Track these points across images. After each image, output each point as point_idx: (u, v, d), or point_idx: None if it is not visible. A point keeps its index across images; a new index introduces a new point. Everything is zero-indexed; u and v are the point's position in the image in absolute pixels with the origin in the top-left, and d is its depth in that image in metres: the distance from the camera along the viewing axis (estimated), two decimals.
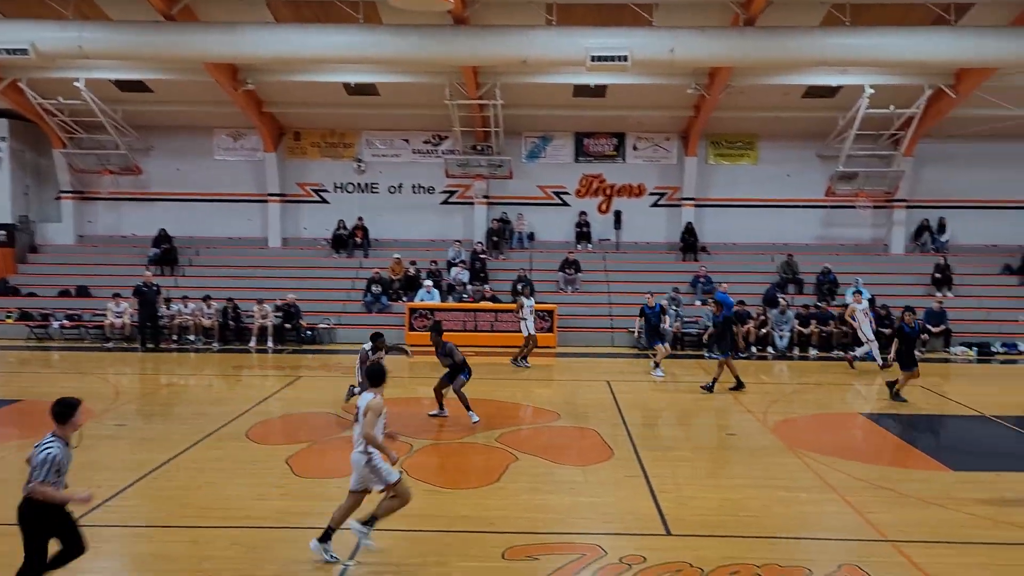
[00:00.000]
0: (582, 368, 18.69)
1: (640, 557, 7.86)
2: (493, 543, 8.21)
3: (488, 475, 10.51)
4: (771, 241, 25.27)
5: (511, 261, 24.66)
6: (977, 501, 9.71)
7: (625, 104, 23.91)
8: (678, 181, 25.64)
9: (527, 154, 25.99)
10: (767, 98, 23.21)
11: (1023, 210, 25.01)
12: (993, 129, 23.45)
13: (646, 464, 11.04)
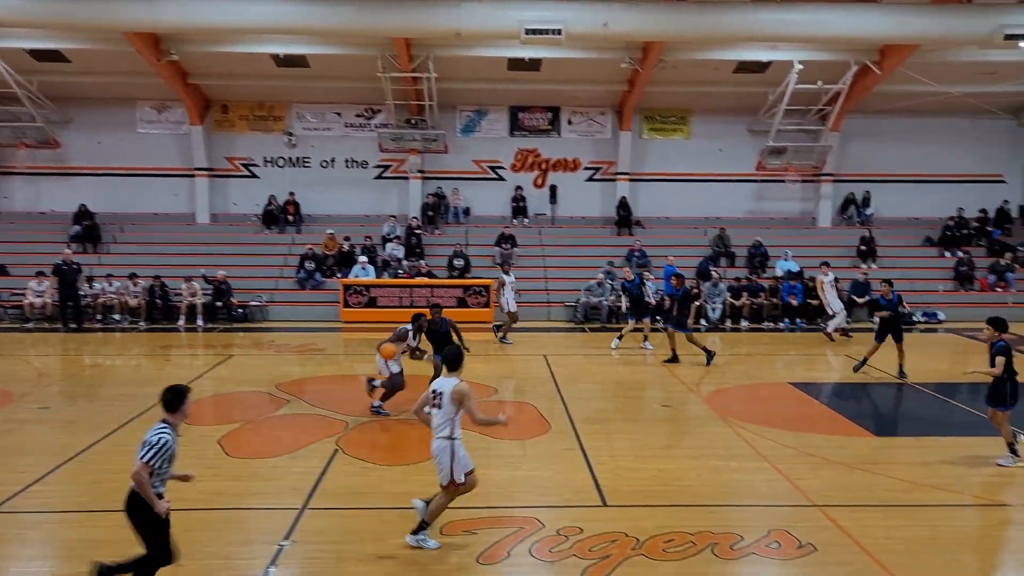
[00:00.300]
0: (519, 343, 18.73)
1: (577, 528, 7.94)
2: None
3: (425, 451, 10.38)
4: (704, 215, 25.62)
5: (447, 236, 24.52)
6: (899, 465, 10.06)
7: (560, 78, 23.87)
8: (613, 155, 25.77)
9: (462, 128, 25.79)
10: (699, 73, 23.42)
11: (943, 184, 25.84)
12: (915, 105, 24.10)
13: (583, 437, 11.14)
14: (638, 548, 7.53)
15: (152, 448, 5.96)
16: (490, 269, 23.17)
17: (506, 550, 7.48)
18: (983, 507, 8.79)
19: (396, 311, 21.25)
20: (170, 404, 6.21)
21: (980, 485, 9.48)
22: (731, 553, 7.47)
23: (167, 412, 6.21)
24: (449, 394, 7.29)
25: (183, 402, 6.23)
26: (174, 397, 6.21)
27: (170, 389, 6.26)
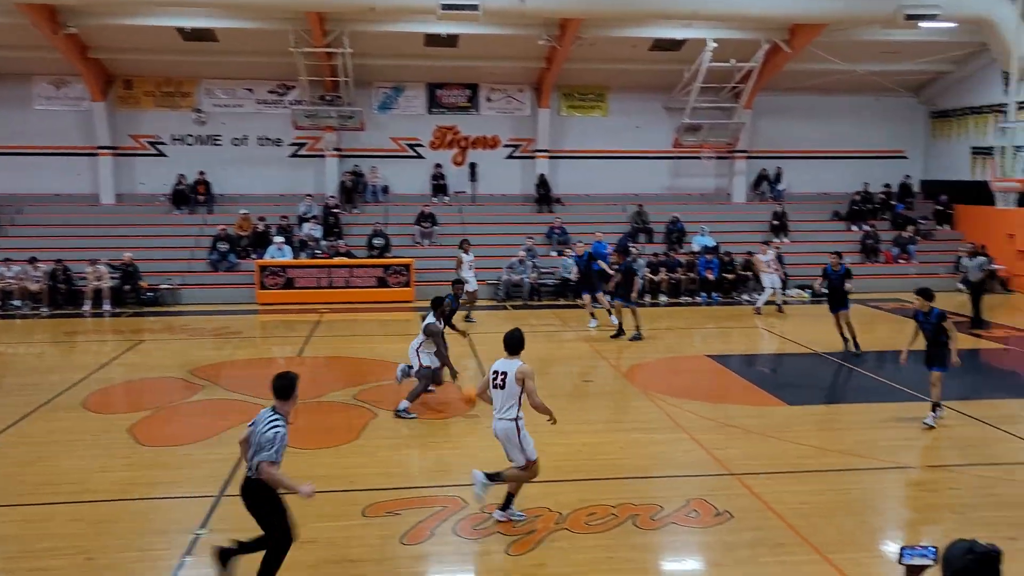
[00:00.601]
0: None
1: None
2: (352, 501, 8.10)
3: (347, 433, 10.34)
4: (622, 192, 25.86)
5: (365, 215, 24.16)
6: (810, 432, 10.39)
7: (478, 54, 23.68)
8: (532, 133, 25.76)
9: (379, 105, 25.38)
10: (616, 51, 23.55)
11: (850, 160, 26.66)
12: (823, 83, 24.76)
13: None
14: (561, 522, 7.59)
15: (272, 445, 5.86)
16: (410, 248, 22.97)
17: (430, 529, 7.45)
18: (888, 470, 9.14)
19: (315, 292, 20.92)
20: (282, 391, 6.10)
21: (885, 449, 9.86)
22: (652, 524, 7.59)
23: (279, 400, 6.09)
24: (514, 374, 7.34)
25: (295, 389, 6.14)
26: (286, 384, 6.11)
27: (280, 376, 6.15)
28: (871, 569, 6.84)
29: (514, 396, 7.39)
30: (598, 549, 7.08)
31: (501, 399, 7.45)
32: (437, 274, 22.22)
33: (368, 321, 18.66)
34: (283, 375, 6.18)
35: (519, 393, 7.38)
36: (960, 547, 3.18)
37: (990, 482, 8.73)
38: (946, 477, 8.92)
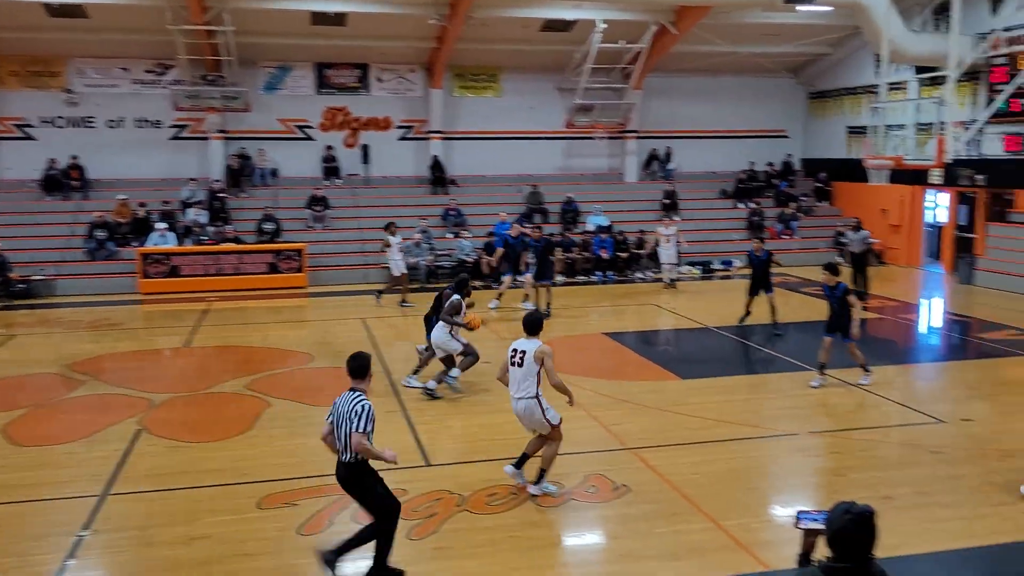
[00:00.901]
0: (335, 307, 18.31)
1: (401, 490, 7.84)
2: (247, 494, 7.88)
3: (240, 424, 10.04)
4: (517, 172, 25.93)
5: (254, 199, 23.44)
6: (703, 404, 10.70)
7: (367, 34, 23.21)
8: (424, 114, 25.49)
9: (265, 85, 24.59)
10: (507, 31, 23.50)
11: (736, 139, 27.48)
12: (709, 64, 25.39)
13: (404, 398, 11.06)
14: (462, 504, 7.58)
15: (364, 416, 6.04)
16: (302, 232, 22.44)
17: (328, 518, 7.32)
18: (775, 437, 9.51)
19: (202, 280, 20.19)
20: (359, 371, 6.28)
21: (772, 417, 10.26)
22: (552, 501, 7.66)
23: (356, 379, 6.27)
24: (533, 353, 7.60)
25: (370, 367, 6.33)
26: (363, 363, 6.30)
27: (355, 357, 6.33)
28: (760, 534, 7.09)
29: (532, 374, 7.61)
30: (499, 529, 7.10)
31: (519, 376, 7.67)
32: (331, 259, 21.86)
33: (259, 309, 18.16)
34: (357, 355, 6.36)
35: (537, 371, 7.61)
36: (840, 508, 3.33)
37: (868, 445, 9.19)
38: (828, 442, 9.34)
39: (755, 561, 6.53)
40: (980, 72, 20.57)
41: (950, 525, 7.12)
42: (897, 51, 19.63)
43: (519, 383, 7.68)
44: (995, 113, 19.46)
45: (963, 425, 9.81)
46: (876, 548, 3.29)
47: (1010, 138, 19.80)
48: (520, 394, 7.68)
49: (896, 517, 7.18)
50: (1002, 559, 6.59)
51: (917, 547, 6.66)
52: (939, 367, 13.45)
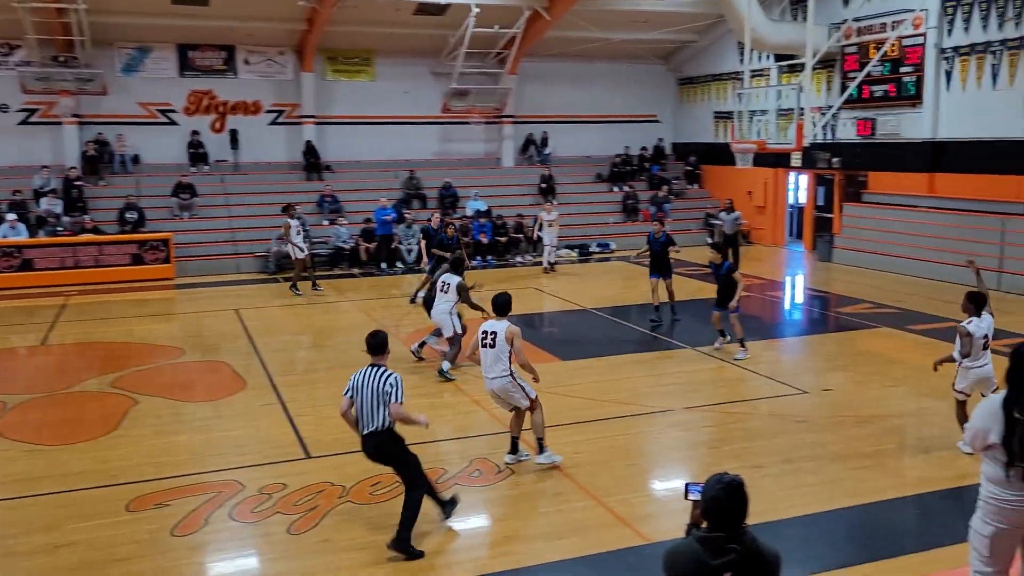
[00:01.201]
0: (206, 298, 17.63)
1: (280, 485, 7.69)
2: (116, 497, 7.51)
3: (105, 424, 9.54)
4: (393, 157, 25.62)
5: (114, 188, 22.23)
6: (583, 385, 10.90)
7: (232, 15, 22.32)
8: (296, 98, 24.79)
9: (123, 67, 23.32)
10: (380, 14, 23.10)
11: (610, 124, 28.02)
12: (583, 50, 25.76)
13: (282, 390, 10.79)
14: (345, 496, 7.46)
15: (399, 387, 6.53)
16: (168, 221, 21.48)
17: (204, 517, 7.06)
18: (653, 414, 9.79)
19: (58, 274, 19.03)
20: (379, 348, 6.70)
21: (649, 395, 10.56)
22: (438, 487, 7.64)
23: (377, 356, 6.68)
24: (503, 334, 7.90)
25: (387, 344, 6.77)
26: (381, 341, 6.73)
27: (373, 335, 6.76)
28: (641, 508, 7.29)
29: (504, 353, 7.90)
30: (384, 518, 7.02)
31: (491, 357, 7.93)
32: (200, 248, 21.03)
33: (123, 302, 17.29)
34: (375, 333, 6.79)
35: (509, 351, 7.89)
36: (713, 479, 3.46)
37: (738, 417, 9.60)
38: (702, 416, 9.69)
39: (636, 535, 6.72)
40: (834, 60, 21.72)
41: (814, 489, 7.52)
42: (758, 39, 20.46)
43: (492, 364, 7.95)
44: (848, 99, 20.58)
45: (824, 395, 10.38)
46: (747, 516, 3.42)
47: (862, 123, 21.00)
48: (494, 374, 7.95)
49: (766, 484, 7.53)
50: (862, 519, 7.01)
51: (785, 512, 7.00)
52: (802, 341, 14.17)
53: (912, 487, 7.63)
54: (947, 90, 19.07)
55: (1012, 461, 4.26)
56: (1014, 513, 4.33)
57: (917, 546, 6.58)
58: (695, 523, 3.62)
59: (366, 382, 6.56)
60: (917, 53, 19.43)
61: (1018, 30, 17.24)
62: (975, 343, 8.08)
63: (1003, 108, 17.69)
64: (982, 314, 8.21)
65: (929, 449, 8.62)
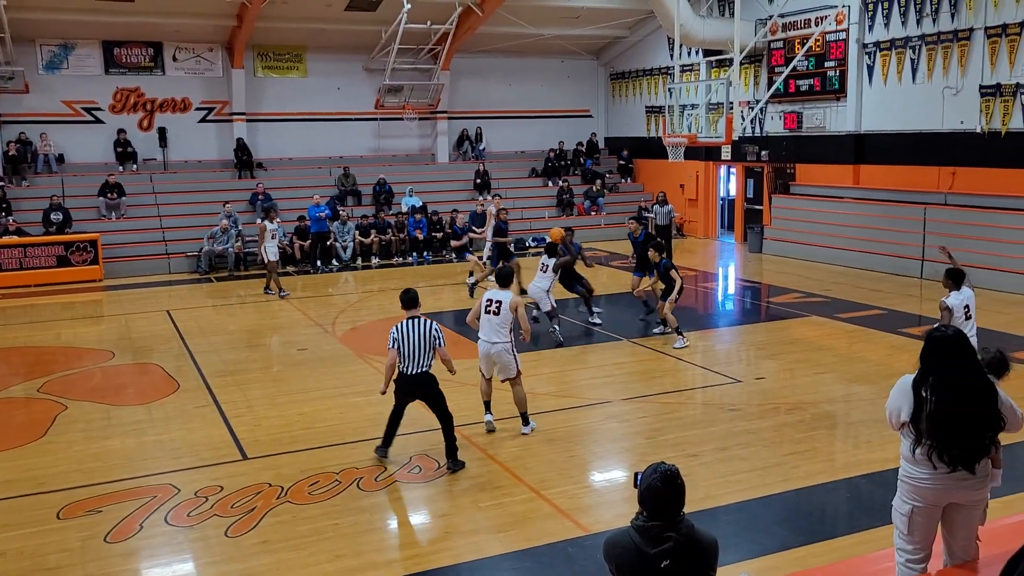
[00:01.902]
0: (136, 300, 17.22)
1: (217, 487, 7.58)
2: (45, 505, 7.32)
3: (31, 431, 9.27)
4: (327, 154, 25.34)
5: (38, 188, 21.53)
6: (531, 379, 10.94)
7: (159, 10, 21.76)
8: (227, 95, 24.33)
9: (45, 64, 22.58)
10: (311, 10, 22.81)
11: (544, 119, 28.14)
12: (515, 46, 25.83)
13: (216, 391, 10.62)
14: (283, 496, 7.39)
15: (441, 333, 7.84)
16: (95, 222, 20.91)
17: (138, 523, 6.92)
18: (590, 406, 9.91)
19: None
20: (411, 303, 7.95)
21: (586, 387, 10.69)
22: (376, 484, 7.63)
23: (411, 309, 7.91)
24: (508, 304, 8.65)
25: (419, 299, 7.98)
26: (413, 296, 7.97)
27: (406, 291, 8.01)
28: (581, 500, 7.39)
29: (507, 322, 8.65)
30: (323, 517, 6.99)
31: (494, 324, 8.67)
32: (129, 248, 20.53)
33: (49, 305, 16.78)
34: (408, 290, 8.03)
35: (512, 320, 8.66)
36: (649, 469, 3.55)
37: (673, 407, 9.78)
38: (639, 407, 9.85)
39: (576, 526, 6.80)
40: (761, 55, 22.21)
41: (749, 476, 7.71)
42: (687, 35, 20.77)
43: (496, 329, 8.66)
44: (775, 93, 21.06)
45: (756, 383, 10.64)
46: (684, 505, 3.51)
47: (789, 116, 21.52)
48: (496, 339, 8.64)
49: (702, 472, 7.70)
50: (796, 504, 7.22)
51: (721, 499, 7.17)
52: (734, 330, 14.48)
53: (842, 471, 7.88)
54: (869, 84, 19.66)
55: (919, 439, 4.44)
56: (927, 490, 4.51)
57: (848, 528, 6.80)
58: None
59: (413, 331, 7.71)
60: (840, 48, 20.00)
61: (936, 26, 17.86)
62: (956, 315, 8.60)
63: (923, 101, 18.32)
64: (961, 288, 8.77)
65: (858, 434, 8.93)
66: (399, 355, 7.75)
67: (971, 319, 8.76)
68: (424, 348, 7.72)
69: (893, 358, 11.45)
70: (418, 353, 7.71)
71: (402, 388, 7.88)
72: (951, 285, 8.77)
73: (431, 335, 7.74)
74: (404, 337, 7.72)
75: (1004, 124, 16.74)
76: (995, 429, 4.46)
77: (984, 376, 4.54)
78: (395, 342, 7.73)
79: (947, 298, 8.71)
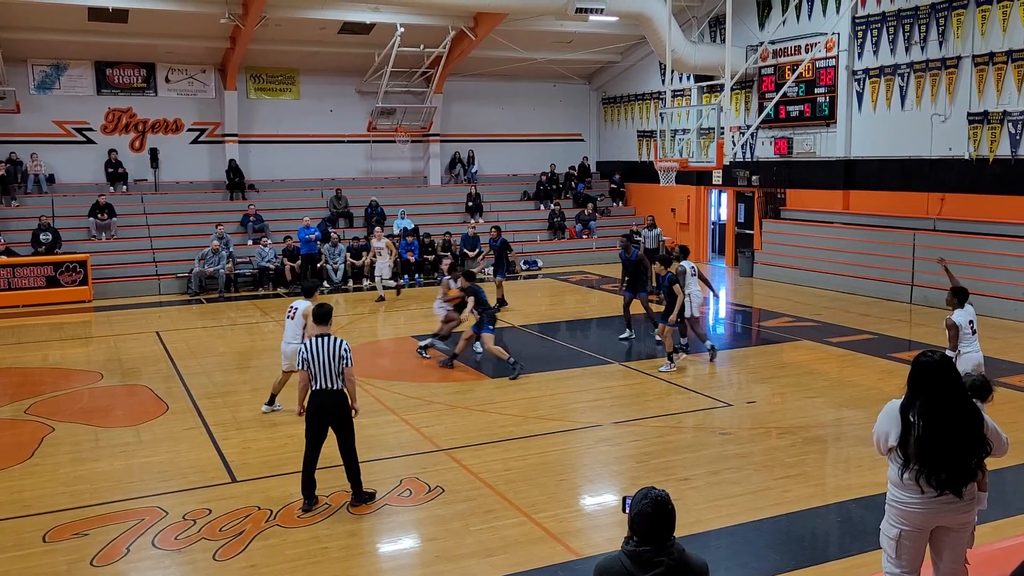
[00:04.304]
0: (125, 321, 17.14)
1: (205, 510, 7.52)
2: (31, 527, 7.24)
3: (17, 453, 9.19)
4: (319, 176, 25.39)
5: (27, 208, 21.48)
6: (512, 402, 10.94)
7: (152, 32, 21.85)
8: (219, 116, 24.39)
9: (37, 84, 22.61)
10: (305, 32, 22.94)
11: (536, 143, 28.31)
12: (508, 70, 26.00)
13: (205, 413, 10.56)
14: (272, 519, 7.33)
15: (349, 354, 7.57)
16: (85, 243, 20.85)
17: (125, 546, 6.85)
18: (580, 429, 9.88)
19: None
20: (322, 318, 7.71)
21: (576, 410, 10.67)
22: (366, 508, 7.58)
23: (323, 325, 7.67)
24: (302, 311, 9.80)
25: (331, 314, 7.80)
26: (326, 312, 7.76)
27: (320, 306, 7.83)
28: (571, 524, 7.35)
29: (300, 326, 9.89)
30: (312, 540, 6.93)
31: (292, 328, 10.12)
32: (119, 269, 20.47)
33: (38, 326, 16.69)
34: (321, 305, 7.85)
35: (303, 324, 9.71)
36: (640, 493, 3.55)
37: (664, 431, 9.76)
38: (628, 431, 9.83)
39: (567, 550, 6.76)
40: (752, 81, 22.41)
41: (740, 500, 7.69)
42: (679, 61, 20.97)
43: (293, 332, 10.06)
44: (765, 119, 21.23)
45: (748, 407, 10.64)
46: (674, 529, 3.50)
47: (779, 141, 21.69)
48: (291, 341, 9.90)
49: (693, 497, 7.68)
50: (786, 528, 7.20)
51: (712, 523, 7.15)
52: (725, 354, 14.46)
53: (833, 495, 7.87)
54: (859, 111, 19.85)
55: (907, 464, 4.45)
56: (914, 514, 4.52)
57: (839, 552, 6.79)
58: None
59: (323, 349, 7.45)
60: (830, 75, 20.20)
61: (924, 54, 18.08)
62: (962, 331, 8.70)
63: (912, 128, 18.50)
64: (964, 305, 8.86)
65: (849, 458, 8.92)
66: (310, 375, 7.48)
67: (975, 334, 8.89)
68: (334, 369, 7.45)
69: (884, 383, 11.48)
70: (325, 373, 7.43)
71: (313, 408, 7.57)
72: (955, 303, 8.88)
73: (340, 356, 7.46)
74: (311, 356, 7.46)
75: (992, 151, 16.91)
76: (981, 453, 4.48)
77: (970, 401, 4.57)
78: (303, 362, 7.49)
79: (952, 315, 8.82)
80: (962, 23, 17.23)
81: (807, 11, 20.78)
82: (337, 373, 7.44)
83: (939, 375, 4.46)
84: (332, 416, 7.53)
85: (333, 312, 7.85)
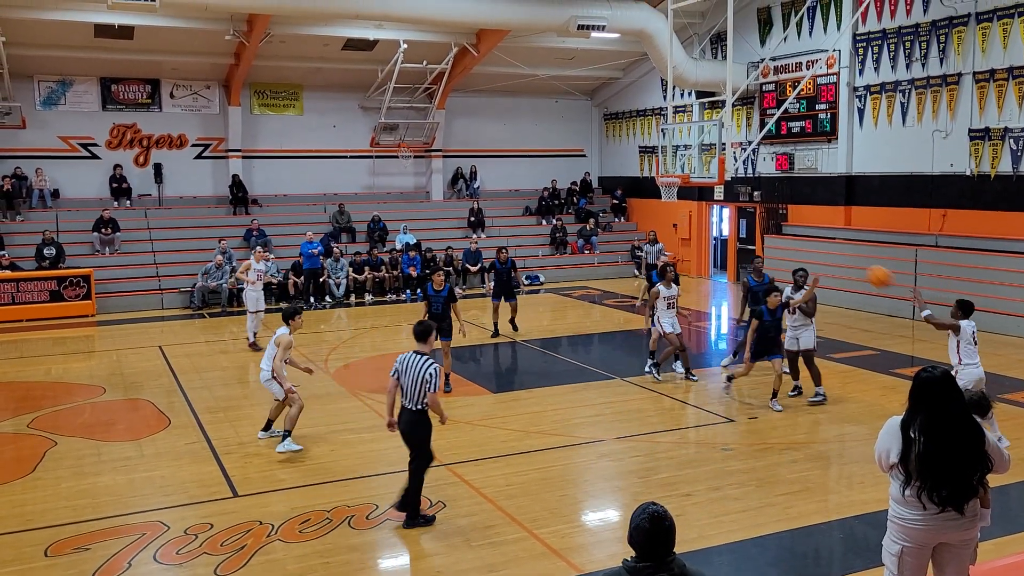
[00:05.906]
0: (128, 335, 17.17)
1: (207, 525, 7.52)
2: (33, 541, 7.25)
3: (20, 467, 9.20)
4: (322, 191, 25.49)
5: (32, 223, 21.56)
6: (514, 417, 10.95)
7: (158, 48, 22.00)
8: (223, 132, 24.50)
9: (43, 100, 22.75)
10: (309, 49, 23.09)
11: (537, 158, 28.39)
12: (510, 86, 26.12)
13: (207, 428, 10.57)
14: (273, 534, 7.33)
15: (434, 379, 7.36)
16: (89, 257, 20.91)
17: (126, 561, 6.85)
18: (582, 445, 9.88)
19: None
20: (422, 335, 7.65)
21: (578, 426, 10.66)
22: (367, 523, 7.58)
23: (421, 342, 7.62)
24: (274, 339, 9.73)
25: (431, 333, 7.73)
26: (425, 329, 7.70)
27: (419, 323, 7.79)
28: (573, 539, 7.34)
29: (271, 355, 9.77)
30: (313, 556, 6.93)
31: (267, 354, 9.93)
32: (122, 284, 20.52)
33: (41, 340, 16.72)
34: (421, 322, 7.84)
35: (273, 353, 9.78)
36: (639, 509, 3.56)
37: (666, 447, 9.76)
38: (630, 446, 9.82)
39: (568, 566, 6.75)
40: (753, 97, 22.49)
41: (742, 516, 7.68)
42: (680, 77, 21.05)
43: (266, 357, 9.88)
44: (767, 135, 21.29)
45: (750, 423, 10.63)
46: (674, 545, 3.50)
47: (781, 157, 21.75)
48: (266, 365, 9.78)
49: (695, 512, 7.66)
50: (789, 544, 7.19)
51: (714, 539, 7.13)
52: (728, 370, 14.48)
53: (836, 512, 7.85)
54: (860, 127, 19.90)
55: (908, 480, 4.45)
56: (916, 531, 4.51)
57: (842, 569, 6.77)
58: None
59: (410, 366, 7.46)
60: (831, 91, 20.27)
61: (925, 70, 18.15)
62: (964, 341, 8.89)
63: (913, 144, 18.54)
64: (968, 318, 9.03)
65: (851, 475, 8.91)
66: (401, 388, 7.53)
67: (976, 345, 9.00)
68: (419, 390, 7.41)
69: (886, 399, 11.47)
70: (410, 390, 7.45)
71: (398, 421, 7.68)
72: (960, 315, 9.00)
73: (423, 379, 7.36)
74: (402, 369, 7.53)
75: (993, 167, 16.94)
76: (983, 470, 4.48)
77: (971, 416, 4.57)
78: (395, 371, 7.57)
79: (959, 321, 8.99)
80: (963, 40, 17.31)
81: (808, 28, 20.88)
82: (419, 394, 7.37)
83: (940, 390, 4.46)
84: (404, 434, 7.57)
85: (431, 331, 7.73)
